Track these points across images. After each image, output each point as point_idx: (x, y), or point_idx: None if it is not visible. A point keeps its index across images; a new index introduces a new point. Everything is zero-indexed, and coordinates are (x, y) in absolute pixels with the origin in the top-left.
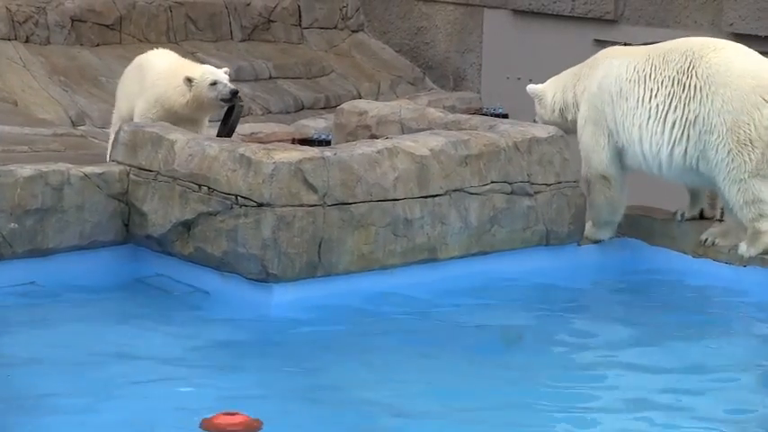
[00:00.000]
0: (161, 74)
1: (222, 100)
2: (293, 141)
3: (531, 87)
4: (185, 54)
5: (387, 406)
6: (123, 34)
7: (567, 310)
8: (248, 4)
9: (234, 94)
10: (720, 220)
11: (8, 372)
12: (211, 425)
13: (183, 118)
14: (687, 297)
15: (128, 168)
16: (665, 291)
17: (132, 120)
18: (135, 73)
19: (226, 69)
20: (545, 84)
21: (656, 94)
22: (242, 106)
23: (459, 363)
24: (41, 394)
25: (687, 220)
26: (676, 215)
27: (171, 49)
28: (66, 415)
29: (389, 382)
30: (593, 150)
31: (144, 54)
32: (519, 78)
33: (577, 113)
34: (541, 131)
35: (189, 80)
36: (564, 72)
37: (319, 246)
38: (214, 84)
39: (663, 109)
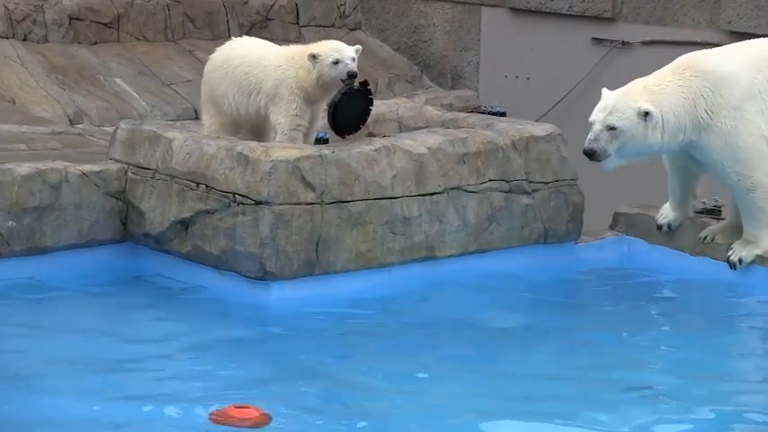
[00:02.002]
0: (281, 57)
1: (342, 80)
2: None
3: (644, 106)
4: (183, 52)
5: (385, 404)
6: (121, 32)
7: (565, 308)
8: (246, 2)
9: (351, 75)
10: (720, 219)
11: (8, 369)
12: (221, 418)
13: (314, 101)
14: (685, 295)
15: (125, 167)
16: (663, 289)
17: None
18: (226, 72)
19: (358, 47)
20: (646, 103)
21: None
22: (357, 90)
23: (457, 360)
24: (45, 392)
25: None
26: (662, 228)
27: (170, 47)
28: (72, 413)
29: (388, 379)
30: None
31: (227, 45)
32: (516, 77)
33: (699, 131)
34: (539, 130)
35: (314, 57)
36: (655, 90)
37: (317, 244)
38: (336, 62)
39: None
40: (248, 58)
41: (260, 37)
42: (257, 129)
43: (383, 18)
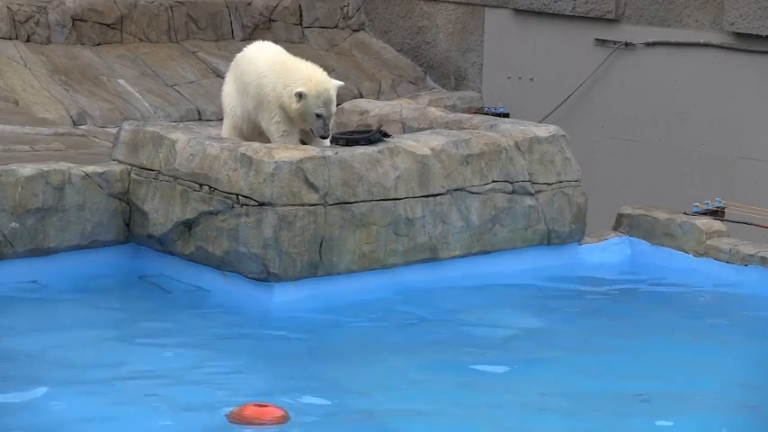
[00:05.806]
0: (266, 63)
1: (320, 136)
2: None
3: None
4: (186, 54)
5: (388, 405)
6: (124, 33)
7: (568, 309)
8: (249, 4)
9: (323, 138)
10: (723, 220)
11: (11, 371)
12: (240, 417)
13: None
14: (688, 296)
15: (129, 168)
16: (666, 290)
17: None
18: (233, 72)
19: (340, 84)
20: None
21: None
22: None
23: (460, 362)
24: (49, 394)
25: None
26: None
27: (173, 48)
28: (77, 415)
29: (391, 381)
30: None
31: (247, 47)
32: (520, 78)
33: None
34: (542, 131)
35: (299, 95)
36: None
37: (320, 245)
38: (319, 116)
39: None
40: (249, 58)
41: (263, 38)
42: (260, 132)
43: (386, 19)
